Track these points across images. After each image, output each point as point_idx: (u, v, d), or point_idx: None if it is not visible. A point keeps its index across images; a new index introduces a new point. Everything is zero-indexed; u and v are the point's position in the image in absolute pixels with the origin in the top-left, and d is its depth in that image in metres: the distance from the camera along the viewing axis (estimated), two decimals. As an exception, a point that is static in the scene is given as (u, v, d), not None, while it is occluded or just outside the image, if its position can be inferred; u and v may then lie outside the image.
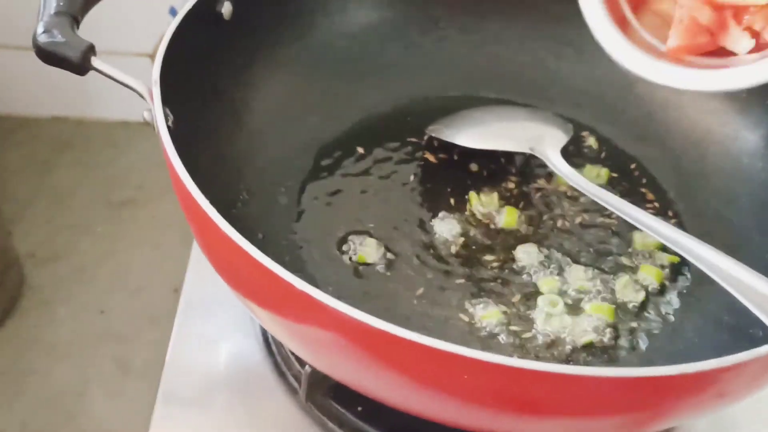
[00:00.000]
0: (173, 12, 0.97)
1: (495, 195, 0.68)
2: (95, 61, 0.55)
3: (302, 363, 0.59)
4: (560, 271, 0.62)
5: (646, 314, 0.61)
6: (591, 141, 0.74)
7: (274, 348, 0.64)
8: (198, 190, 0.48)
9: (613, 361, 0.57)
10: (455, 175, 0.70)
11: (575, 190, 0.66)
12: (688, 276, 0.63)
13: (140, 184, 1.00)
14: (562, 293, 0.61)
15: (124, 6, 0.65)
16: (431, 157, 0.72)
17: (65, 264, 0.92)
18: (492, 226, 0.66)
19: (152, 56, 1.03)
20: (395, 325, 0.41)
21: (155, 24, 1.00)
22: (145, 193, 1.00)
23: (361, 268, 0.62)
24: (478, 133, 0.71)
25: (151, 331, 0.86)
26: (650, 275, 0.63)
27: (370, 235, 0.64)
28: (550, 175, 0.70)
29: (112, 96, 0.71)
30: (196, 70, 0.62)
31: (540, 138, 0.69)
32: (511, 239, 0.65)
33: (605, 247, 0.65)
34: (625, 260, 0.64)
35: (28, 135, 1.06)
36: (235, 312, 0.67)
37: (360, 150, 0.72)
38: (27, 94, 1.08)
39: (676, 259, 0.64)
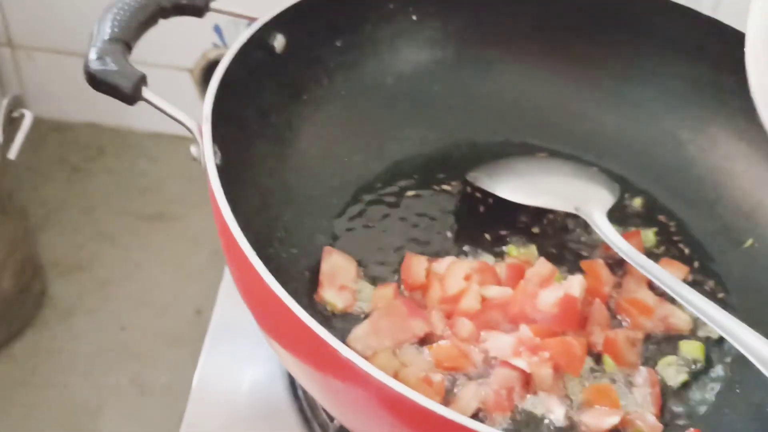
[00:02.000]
0: (218, 30, 0.97)
1: (534, 249, 0.67)
2: (146, 92, 0.54)
3: (330, 416, 0.58)
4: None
5: (687, 395, 0.59)
6: (637, 202, 0.72)
7: (300, 393, 0.63)
8: (242, 235, 0.47)
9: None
10: (494, 223, 0.69)
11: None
12: (729, 360, 0.61)
13: (170, 198, 0.99)
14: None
15: (168, 20, 0.64)
16: (475, 204, 0.70)
17: (89, 276, 0.91)
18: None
19: (192, 72, 1.03)
20: (427, 399, 0.40)
21: (197, 40, 0.99)
22: (174, 207, 0.99)
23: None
24: (520, 186, 0.69)
25: (170, 352, 0.85)
26: (692, 351, 0.61)
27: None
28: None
29: (147, 107, 0.70)
30: (245, 104, 0.61)
31: (585, 197, 0.67)
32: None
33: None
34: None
35: (62, 139, 1.06)
36: (263, 344, 0.66)
37: (399, 191, 0.70)
38: (63, 99, 1.07)
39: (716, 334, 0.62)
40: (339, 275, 0.61)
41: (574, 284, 0.59)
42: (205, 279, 0.91)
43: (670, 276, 0.58)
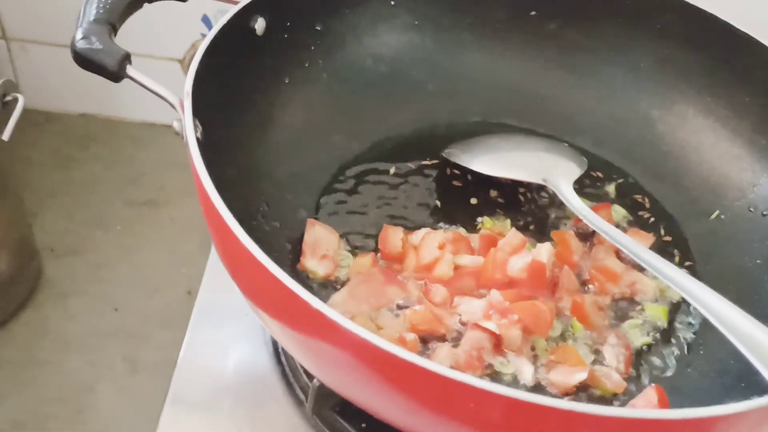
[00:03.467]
0: (206, 20, 0.99)
1: (508, 222, 0.69)
2: (130, 70, 0.56)
3: (310, 376, 0.60)
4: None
5: (652, 357, 0.61)
6: (608, 177, 0.75)
7: (283, 359, 0.65)
8: (223, 204, 0.49)
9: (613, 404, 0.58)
10: (471, 198, 0.71)
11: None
12: (694, 322, 0.64)
13: (162, 185, 1.02)
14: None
15: (156, 11, 0.66)
16: (452, 180, 0.73)
17: (83, 259, 0.94)
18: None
19: (181, 62, 1.05)
20: (406, 350, 0.42)
21: (186, 30, 1.02)
22: (165, 194, 1.01)
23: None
24: (493, 159, 0.72)
25: (163, 332, 0.87)
26: (657, 314, 0.63)
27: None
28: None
29: (140, 97, 0.72)
30: (227, 83, 0.63)
31: (554, 169, 0.70)
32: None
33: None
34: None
35: (56, 130, 1.08)
36: (248, 320, 0.68)
37: (380, 169, 0.73)
38: (57, 90, 1.10)
39: (680, 297, 0.65)
40: (321, 246, 0.63)
41: (542, 251, 0.61)
42: (196, 262, 0.93)
43: (633, 241, 0.60)
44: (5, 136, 0.71)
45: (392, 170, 0.73)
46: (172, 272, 0.93)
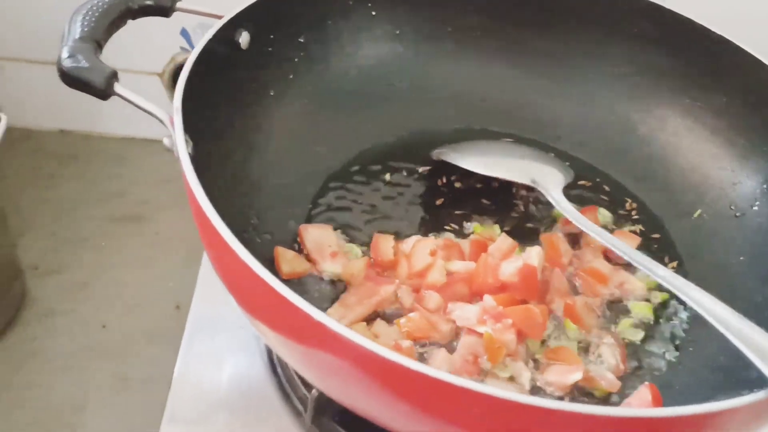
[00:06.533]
0: (185, 33, 0.99)
1: (496, 227, 0.70)
2: (118, 87, 0.56)
3: (308, 386, 0.60)
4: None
5: (643, 356, 0.62)
6: (592, 181, 0.76)
7: (279, 370, 0.65)
8: (219, 218, 0.49)
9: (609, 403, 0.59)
10: (458, 205, 0.72)
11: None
12: (683, 320, 0.65)
13: (144, 199, 1.01)
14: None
15: (135, 25, 0.66)
16: (439, 188, 0.74)
17: (68, 277, 0.93)
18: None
19: (161, 75, 1.05)
20: (407, 357, 0.43)
21: (165, 44, 1.01)
22: (148, 208, 1.01)
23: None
24: (483, 160, 0.72)
25: (151, 347, 0.87)
26: (644, 312, 0.64)
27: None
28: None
29: (118, 112, 0.71)
30: (213, 97, 0.64)
31: (543, 173, 0.71)
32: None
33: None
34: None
35: (35, 147, 1.07)
36: (241, 332, 0.68)
37: (366, 178, 0.73)
38: (34, 107, 1.09)
39: (666, 296, 0.66)
40: (324, 245, 0.64)
41: (533, 254, 0.62)
42: (182, 276, 0.93)
43: (620, 242, 0.61)
44: (-11, 156, 0.70)
45: (379, 179, 0.73)
46: (158, 287, 0.93)
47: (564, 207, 0.66)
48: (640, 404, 0.56)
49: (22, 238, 0.95)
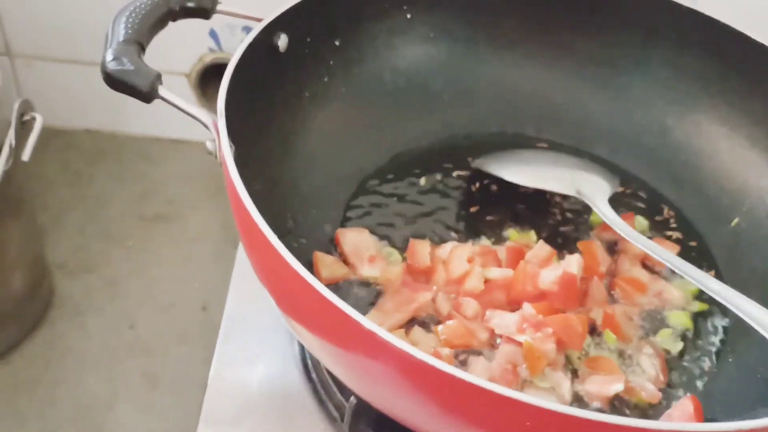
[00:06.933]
0: (213, 34, 0.99)
1: (532, 233, 0.70)
2: (162, 90, 0.56)
3: (345, 393, 0.60)
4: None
5: (683, 365, 0.62)
6: (628, 186, 0.75)
7: (313, 375, 0.65)
8: (264, 222, 0.49)
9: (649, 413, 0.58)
10: (493, 210, 0.72)
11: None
12: (722, 330, 0.64)
13: (171, 198, 1.01)
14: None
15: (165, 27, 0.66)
16: (474, 193, 0.73)
17: (96, 276, 0.93)
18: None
19: (188, 76, 1.05)
20: (451, 366, 0.42)
21: (193, 45, 1.01)
22: (176, 208, 1.01)
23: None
24: (525, 171, 0.72)
25: (179, 347, 0.87)
26: (683, 322, 0.64)
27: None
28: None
29: (144, 112, 0.71)
30: (253, 100, 0.64)
31: (587, 184, 0.70)
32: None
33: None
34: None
35: (63, 146, 1.07)
36: (276, 335, 0.68)
37: (400, 182, 0.73)
38: (61, 106, 1.09)
39: (706, 306, 0.65)
40: (362, 249, 0.64)
41: (572, 262, 0.62)
42: (209, 276, 0.93)
43: (666, 251, 0.61)
44: (25, 157, 0.70)
45: (413, 183, 0.73)
46: (185, 286, 0.93)
47: (612, 219, 0.65)
48: (681, 416, 0.55)
49: (50, 237, 0.95)
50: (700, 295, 0.66)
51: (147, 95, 0.56)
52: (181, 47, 1.01)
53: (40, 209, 0.97)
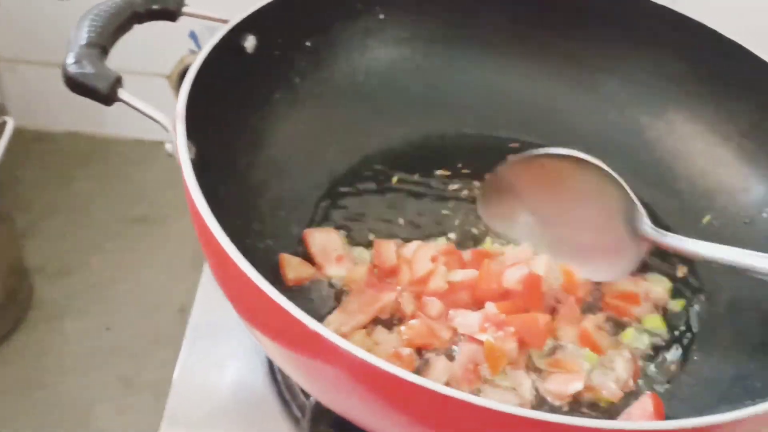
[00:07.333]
0: (193, 36, 0.99)
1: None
2: (122, 93, 0.56)
3: (307, 394, 0.60)
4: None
5: (647, 364, 0.62)
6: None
7: (278, 377, 0.65)
8: (218, 226, 0.49)
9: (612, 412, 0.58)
10: (467, 211, 0.72)
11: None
12: (690, 329, 0.64)
13: (153, 201, 1.02)
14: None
15: (143, 27, 0.66)
16: (445, 194, 0.73)
17: (75, 279, 0.94)
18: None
19: (169, 78, 1.05)
20: (402, 369, 0.42)
21: (174, 46, 1.02)
22: (157, 211, 1.01)
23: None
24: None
25: (157, 350, 0.87)
26: (654, 324, 0.64)
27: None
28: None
29: (128, 115, 0.71)
30: (219, 102, 0.63)
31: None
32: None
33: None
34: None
35: (45, 149, 1.08)
36: (243, 337, 0.68)
37: (371, 183, 0.73)
38: (45, 109, 1.09)
39: (682, 304, 0.65)
40: (330, 249, 0.64)
41: (539, 263, 0.61)
42: (189, 279, 0.93)
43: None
44: (-5, 159, 0.71)
45: (384, 184, 0.73)
46: (165, 289, 0.93)
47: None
48: (641, 414, 0.55)
49: (31, 240, 0.96)
50: (679, 292, 0.66)
51: (106, 97, 0.56)
52: (161, 50, 1.01)
53: (22, 213, 0.97)
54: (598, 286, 0.66)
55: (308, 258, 0.65)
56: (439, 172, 0.75)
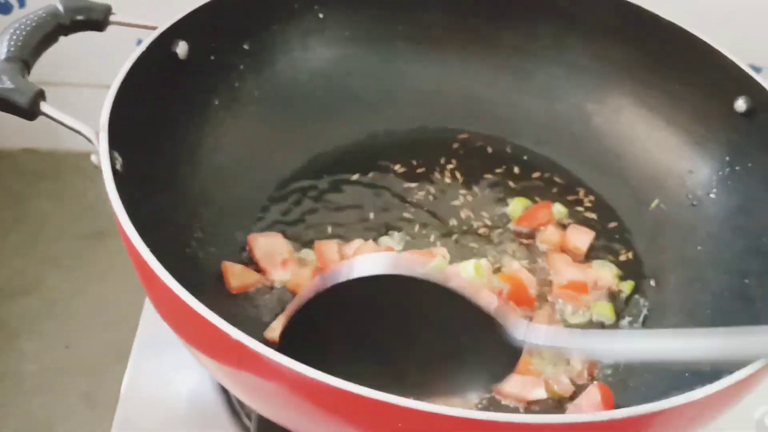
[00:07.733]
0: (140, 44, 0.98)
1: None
2: (44, 107, 0.55)
3: (254, 404, 0.59)
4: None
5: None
6: (549, 175, 0.74)
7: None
8: (138, 236, 0.48)
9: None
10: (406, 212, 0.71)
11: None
12: (639, 317, 0.63)
13: (109, 216, 1.00)
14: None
15: (89, 37, 0.65)
16: (390, 192, 0.73)
17: (34, 298, 0.92)
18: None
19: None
20: (333, 377, 0.41)
21: (120, 56, 1.00)
22: (113, 225, 0.99)
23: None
24: None
25: (117, 366, 0.86)
26: (604, 311, 0.63)
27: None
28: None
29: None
30: (151, 110, 0.62)
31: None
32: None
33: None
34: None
35: (2, 167, 1.07)
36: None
37: (319, 184, 0.72)
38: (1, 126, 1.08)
39: (633, 284, 0.65)
40: (274, 253, 0.63)
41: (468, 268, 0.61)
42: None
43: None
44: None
45: (331, 185, 0.72)
46: (123, 305, 0.92)
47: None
48: (589, 405, 0.54)
49: (-12, 261, 0.95)
50: (625, 275, 0.66)
51: (28, 112, 0.55)
52: (109, 59, 1.00)
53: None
54: (545, 278, 0.65)
55: (254, 264, 0.65)
56: (388, 167, 0.74)
